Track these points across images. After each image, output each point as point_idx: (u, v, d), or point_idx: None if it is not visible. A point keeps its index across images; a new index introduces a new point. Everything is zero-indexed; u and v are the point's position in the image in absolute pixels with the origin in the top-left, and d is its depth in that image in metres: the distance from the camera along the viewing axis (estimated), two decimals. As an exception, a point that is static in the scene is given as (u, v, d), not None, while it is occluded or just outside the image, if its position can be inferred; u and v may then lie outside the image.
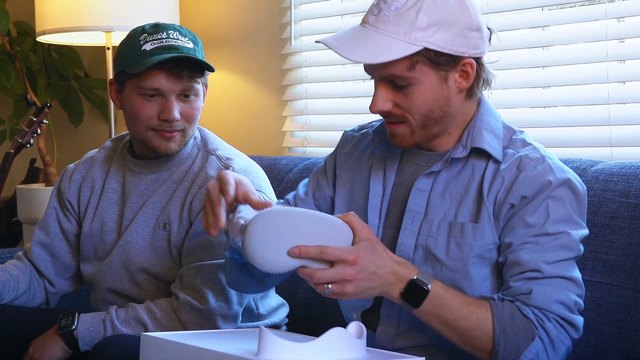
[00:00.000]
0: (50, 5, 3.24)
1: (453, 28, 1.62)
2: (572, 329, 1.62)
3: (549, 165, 1.68)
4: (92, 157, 2.30)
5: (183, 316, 1.98)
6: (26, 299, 2.23)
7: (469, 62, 1.66)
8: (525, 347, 1.57)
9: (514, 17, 2.59)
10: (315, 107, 3.17)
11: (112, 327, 1.98)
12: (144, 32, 2.04)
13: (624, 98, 2.35)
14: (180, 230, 2.09)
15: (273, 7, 3.29)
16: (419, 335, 1.74)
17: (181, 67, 2.00)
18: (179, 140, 2.08)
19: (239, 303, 2.02)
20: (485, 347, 1.59)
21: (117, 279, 2.15)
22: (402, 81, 1.64)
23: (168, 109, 2.02)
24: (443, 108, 1.68)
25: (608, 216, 1.97)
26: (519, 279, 1.62)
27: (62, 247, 2.28)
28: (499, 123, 1.77)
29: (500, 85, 2.55)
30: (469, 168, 1.73)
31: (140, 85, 2.02)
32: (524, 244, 1.64)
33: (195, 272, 2.00)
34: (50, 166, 3.70)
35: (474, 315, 1.59)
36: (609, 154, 2.35)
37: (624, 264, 1.91)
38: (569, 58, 2.47)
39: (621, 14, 2.35)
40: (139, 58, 2.00)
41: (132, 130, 2.12)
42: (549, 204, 1.64)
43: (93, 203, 2.24)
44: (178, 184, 2.12)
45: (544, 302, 1.59)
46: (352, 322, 1.51)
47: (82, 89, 3.95)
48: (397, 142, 1.73)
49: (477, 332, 1.58)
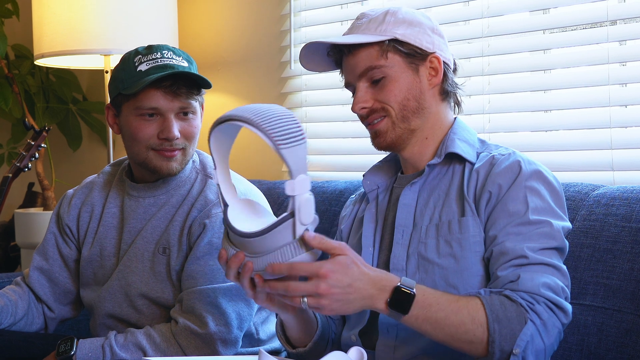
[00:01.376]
0: (48, 28, 3.24)
1: (418, 27, 1.83)
2: (561, 313, 1.63)
3: (519, 158, 1.79)
4: (92, 182, 2.30)
5: (182, 341, 1.97)
6: (24, 324, 2.22)
7: (435, 57, 1.83)
8: (520, 331, 1.57)
9: (515, 40, 2.59)
10: (315, 130, 3.17)
11: (111, 352, 1.96)
12: (137, 53, 2.06)
13: (626, 122, 2.34)
14: (180, 255, 2.08)
15: (272, 30, 3.29)
16: (418, 344, 1.74)
17: (178, 85, 2.02)
18: (180, 159, 2.08)
19: (239, 327, 2.02)
20: (480, 338, 1.58)
21: (116, 304, 2.14)
22: (378, 73, 1.80)
23: (167, 127, 2.03)
24: (418, 99, 1.82)
25: (610, 241, 1.95)
26: (506, 267, 1.66)
27: (61, 273, 2.27)
28: (474, 137, 1.89)
29: (501, 108, 2.61)
30: (449, 174, 1.83)
31: (138, 106, 2.02)
32: (508, 235, 1.69)
33: (195, 296, 2.00)
34: (49, 190, 3.69)
35: (465, 309, 1.59)
36: (611, 178, 2.34)
37: (626, 288, 1.90)
38: (571, 81, 2.47)
39: (623, 37, 2.35)
40: (135, 79, 2.01)
41: (132, 153, 2.11)
42: (527, 194, 1.72)
43: (92, 228, 2.23)
44: (177, 208, 2.11)
45: (532, 286, 1.62)
46: (353, 347, 1.51)
47: (80, 112, 3.95)
48: (381, 139, 1.84)
49: (470, 325, 1.58)
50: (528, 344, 1.57)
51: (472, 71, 2.66)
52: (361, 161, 2.95)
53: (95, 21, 3.18)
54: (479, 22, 2.65)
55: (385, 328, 1.78)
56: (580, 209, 2.04)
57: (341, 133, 3.12)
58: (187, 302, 2.00)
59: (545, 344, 1.60)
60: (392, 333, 1.77)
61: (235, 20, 3.45)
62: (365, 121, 1.86)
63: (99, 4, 3.17)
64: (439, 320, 1.58)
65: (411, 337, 1.74)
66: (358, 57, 1.82)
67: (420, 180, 1.84)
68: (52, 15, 3.23)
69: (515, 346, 1.57)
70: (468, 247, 1.73)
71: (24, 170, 2.71)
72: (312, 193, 1.54)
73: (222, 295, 2.00)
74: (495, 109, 2.61)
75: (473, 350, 1.60)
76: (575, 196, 2.07)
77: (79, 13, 3.18)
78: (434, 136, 1.87)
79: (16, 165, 2.69)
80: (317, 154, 3.16)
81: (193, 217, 2.08)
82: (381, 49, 1.80)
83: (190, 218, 2.08)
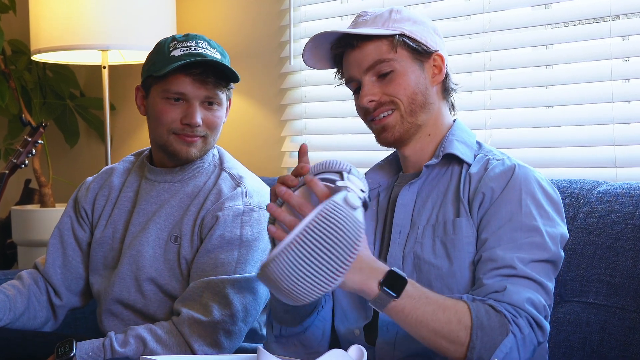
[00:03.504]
0: (45, 23, 3.23)
1: (422, 25, 1.86)
2: (540, 331, 1.63)
3: (515, 163, 1.79)
4: (112, 168, 2.35)
5: (185, 329, 1.98)
6: (27, 319, 2.22)
7: (439, 56, 1.86)
8: (500, 342, 1.57)
9: (516, 36, 2.58)
10: (315, 127, 3.16)
11: (111, 350, 1.95)
12: (174, 40, 2.12)
13: (628, 118, 2.33)
14: (191, 245, 2.10)
15: (272, 26, 3.28)
16: (418, 343, 1.70)
17: (207, 74, 2.07)
18: (199, 146, 2.13)
19: (244, 320, 2.02)
20: (462, 340, 1.57)
21: (125, 288, 2.15)
22: (386, 67, 1.80)
23: (191, 113, 2.08)
24: (424, 94, 1.83)
25: (612, 238, 1.94)
26: (493, 276, 1.65)
27: (75, 257, 2.29)
28: (472, 139, 1.90)
29: (503, 104, 2.59)
30: (447, 175, 1.84)
31: (166, 89, 2.08)
32: (499, 240, 1.69)
33: (203, 285, 2.02)
34: (46, 187, 3.68)
35: (453, 309, 1.58)
36: (614, 174, 2.33)
37: (628, 286, 1.89)
38: (573, 77, 2.46)
39: (626, 32, 2.34)
40: (167, 62, 2.07)
41: (154, 135, 2.16)
42: (522, 199, 1.72)
43: (107, 211, 2.27)
44: (192, 198, 2.14)
45: (517, 300, 1.61)
46: (353, 345, 1.50)
47: (77, 108, 3.94)
48: (389, 134, 1.83)
49: (455, 325, 1.57)
50: (506, 356, 1.57)
51: (473, 67, 2.65)
52: (361, 158, 2.93)
53: (93, 16, 3.17)
54: (480, 17, 2.63)
55: (385, 326, 1.77)
56: (582, 206, 2.03)
57: (341, 129, 3.12)
58: (193, 292, 2.01)
59: (521, 358, 1.60)
60: (392, 331, 1.76)
61: (235, 16, 3.44)
62: (371, 115, 1.84)
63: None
64: (427, 314, 1.56)
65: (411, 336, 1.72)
66: (366, 50, 1.81)
67: (419, 181, 1.84)
68: (49, 10, 3.22)
69: (493, 356, 1.56)
70: (460, 248, 1.73)
71: (21, 166, 2.70)
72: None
73: (231, 286, 2.01)
74: (497, 104, 2.60)
75: (451, 351, 1.59)
76: (577, 193, 2.06)
77: (76, 8, 3.18)
78: (435, 134, 1.87)
79: (13, 162, 2.68)
80: (316, 151, 3.14)
81: (207, 209, 2.10)
82: (391, 43, 1.81)
83: (204, 209, 2.11)
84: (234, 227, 2.06)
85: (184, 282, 2.10)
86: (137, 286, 2.14)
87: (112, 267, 2.21)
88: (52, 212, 3.57)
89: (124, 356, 1.94)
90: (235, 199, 2.10)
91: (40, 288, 2.28)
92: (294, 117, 3.20)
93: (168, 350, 1.96)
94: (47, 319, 2.27)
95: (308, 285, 1.43)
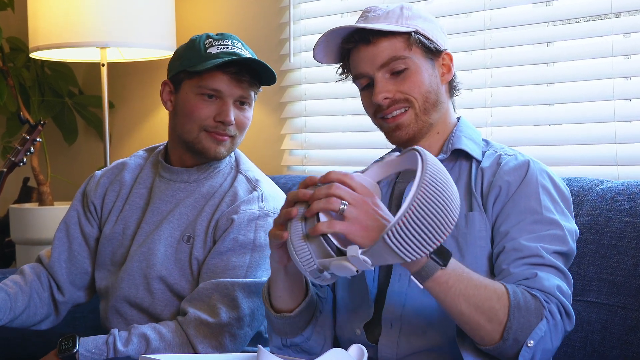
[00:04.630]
0: (44, 20, 3.22)
1: (432, 23, 1.86)
2: (568, 320, 1.63)
3: (528, 158, 1.81)
4: (123, 163, 2.33)
5: (191, 330, 1.97)
6: (27, 317, 2.20)
7: (447, 55, 1.87)
8: (536, 325, 1.56)
9: (517, 33, 2.57)
10: (315, 124, 3.15)
11: (114, 348, 1.94)
12: (209, 37, 2.12)
13: (630, 115, 2.33)
14: (204, 246, 2.10)
15: (271, 23, 3.27)
16: (421, 340, 1.73)
17: (243, 73, 2.07)
18: (228, 145, 2.13)
19: (250, 325, 2.02)
20: (500, 319, 1.55)
21: (133, 286, 2.14)
22: (400, 64, 1.80)
23: (225, 111, 2.07)
24: (437, 93, 1.84)
25: (614, 236, 1.94)
26: (520, 264, 1.65)
27: (81, 252, 2.28)
28: (479, 136, 1.91)
29: (504, 102, 2.59)
30: (455, 170, 1.84)
31: (202, 85, 2.07)
32: (521, 231, 1.69)
33: (213, 287, 2.01)
34: (44, 185, 3.67)
35: (492, 287, 1.57)
36: (615, 172, 2.32)
37: (630, 285, 1.88)
38: (574, 75, 2.45)
39: (627, 29, 2.33)
40: (204, 59, 2.06)
41: (182, 131, 2.13)
42: (540, 193, 1.73)
43: (118, 206, 2.26)
44: (208, 200, 2.14)
45: (548, 286, 1.61)
46: (354, 344, 1.49)
47: (76, 106, 3.93)
48: (402, 132, 1.83)
49: (496, 303, 1.55)
50: (540, 340, 1.56)
51: (474, 64, 2.64)
52: (361, 156, 2.93)
53: (92, 13, 3.16)
54: (481, 14, 2.62)
55: (388, 322, 1.76)
56: (583, 204, 2.02)
57: (341, 127, 3.11)
58: (202, 292, 2.01)
59: (553, 345, 1.59)
60: (395, 327, 1.75)
61: (234, 13, 3.43)
62: (383, 113, 1.83)
63: (95, -4, 3.15)
64: (469, 288, 1.55)
65: (415, 332, 1.73)
66: (380, 47, 1.80)
67: None
68: (47, 8, 3.21)
69: (529, 338, 1.55)
70: (473, 242, 1.73)
71: (19, 164, 2.68)
72: None
73: (240, 289, 2.00)
74: (498, 102, 2.60)
75: (488, 329, 1.56)
76: (578, 191, 2.06)
77: (75, 5, 3.17)
78: (443, 132, 1.88)
79: (11, 160, 2.67)
80: (316, 149, 3.14)
81: (222, 211, 2.10)
82: (407, 40, 1.81)
83: (219, 211, 2.10)
84: (248, 231, 2.06)
85: (193, 282, 2.10)
86: (145, 284, 2.13)
87: (120, 264, 2.20)
88: (50, 211, 3.55)
89: (126, 355, 1.93)
90: (251, 202, 2.09)
91: (43, 284, 2.26)
92: (294, 115, 3.19)
93: (171, 350, 1.95)
94: (47, 315, 2.26)
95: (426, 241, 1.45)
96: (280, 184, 2.71)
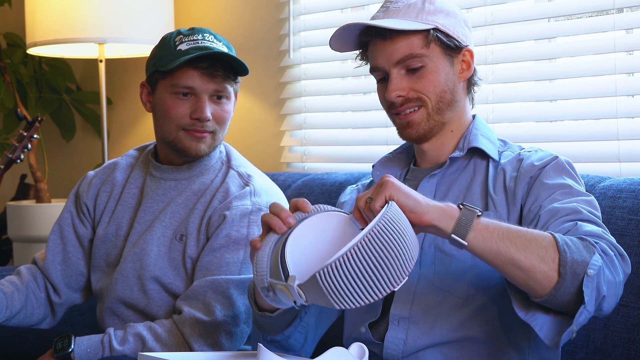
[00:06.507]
0: (41, 16, 3.21)
1: (455, 18, 1.83)
2: (623, 261, 1.55)
3: (549, 152, 1.81)
4: (114, 163, 2.32)
5: (186, 329, 1.96)
6: (24, 317, 2.20)
7: (469, 51, 1.85)
8: (590, 258, 1.48)
9: (519, 29, 2.56)
10: (315, 121, 3.14)
11: (110, 347, 1.94)
12: (179, 34, 2.11)
13: (632, 112, 2.31)
14: (197, 244, 2.09)
15: (271, 19, 3.26)
16: (428, 338, 1.72)
17: (215, 67, 2.06)
18: (209, 142, 2.11)
19: (246, 322, 2.01)
20: (552, 255, 1.47)
21: (127, 287, 2.13)
22: (417, 62, 1.78)
23: (200, 107, 2.06)
24: (452, 92, 1.82)
25: (616, 234, 1.91)
26: (561, 223, 1.60)
27: (75, 254, 2.28)
28: (494, 135, 1.90)
29: (506, 98, 2.57)
30: (470, 168, 1.84)
31: (174, 84, 2.06)
32: (554, 200, 1.66)
33: (207, 285, 2.00)
34: (41, 182, 3.67)
35: (534, 230, 1.52)
36: (618, 169, 2.31)
37: (632, 283, 1.87)
38: (576, 71, 2.44)
39: (630, 25, 2.32)
40: (174, 57, 2.05)
41: (162, 131, 2.13)
42: (567, 173, 1.73)
43: (110, 207, 2.25)
44: (199, 197, 2.13)
45: (594, 231, 1.56)
46: (354, 343, 1.48)
47: (74, 102, 3.93)
48: (413, 131, 1.82)
49: (542, 241, 1.49)
50: (600, 272, 1.47)
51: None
52: (362, 152, 2.93)
53: (90, 9, 3.16)
54: (482, 10, 2.62)
55: (396, 319, 1.75)
56: (586, 201, 2.00)
57: (341, 123, 3.10)
58: (196, 290, 2.00)
59: (615, 279, 1.51)
60: (402, 325, 1.74)
61: (233, 8, 3.42)
62: (397, 110, 1.82)
63: (93, -8, 3.14)
64: (511, 230, 1.50)
65: (421, 330, 1.73)
66: (398, 43, 1.78)
67: (440, 173, 1.83)
68: (45, 3, 3.21)
69: (588, 268, 1.46)
70: None
71: (16, 161, 2.68)
72: None
73: (235, 287, 2.00)
74: (499, 98, 2.59)
75: (545, 270, 1.48)
76: (580, 188, 2.04)
77: (72, 1, 3.17)
78: (457, 130, 1.87)
79: (8, 157, 2.66)
80: (316, 145, 3.12)
81: (214, 208, 2.09)
82: (425, 38, 1.79)
83: (211, 208, 2.10)
84: (241, 227, 2.05)
85: (188, 281, 2.09)
86: (140, 285, 2.12)
87: (114, 265, 2.20)
88: (48, 208, 3.55)
89: (122, 354, 1.92)
90: (243, 198, 2.08)
91: (39, 285, 2.26)
92: (293, 111, 3.18)
93: (167, 349, 1.94)
94: (44, 316, 2.26)
95: (366, 291, 1.37)
96: (280, 181, 2.70)
